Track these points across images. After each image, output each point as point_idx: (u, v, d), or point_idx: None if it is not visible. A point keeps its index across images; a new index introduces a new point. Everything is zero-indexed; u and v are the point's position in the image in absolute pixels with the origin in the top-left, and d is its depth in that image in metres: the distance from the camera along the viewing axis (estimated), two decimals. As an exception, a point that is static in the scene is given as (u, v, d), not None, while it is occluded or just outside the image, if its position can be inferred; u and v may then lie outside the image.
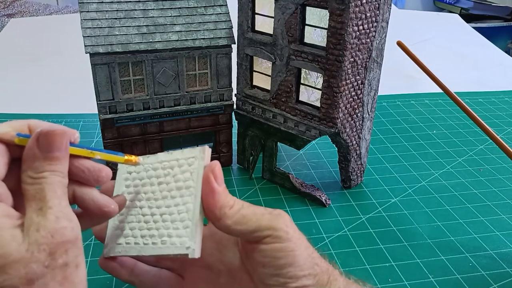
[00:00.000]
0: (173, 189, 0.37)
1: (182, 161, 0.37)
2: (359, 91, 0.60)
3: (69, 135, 0.32)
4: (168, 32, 0.61)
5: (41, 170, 0.30)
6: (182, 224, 0.35)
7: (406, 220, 0.62)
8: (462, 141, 0.83)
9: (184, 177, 0.37)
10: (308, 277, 0.34)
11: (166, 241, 0.36)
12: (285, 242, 0.34)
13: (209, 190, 0.35)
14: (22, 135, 0.32)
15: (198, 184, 0.36)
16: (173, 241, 0.35)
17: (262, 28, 0.62)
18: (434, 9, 3.11)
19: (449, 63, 1.23)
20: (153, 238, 0.37)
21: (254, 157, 0.69)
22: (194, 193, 0.36)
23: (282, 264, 0.34)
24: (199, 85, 0.65)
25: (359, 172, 0.68)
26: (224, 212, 0.34)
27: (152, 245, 0.37)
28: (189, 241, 0.34)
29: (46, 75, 1.09)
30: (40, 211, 0.28)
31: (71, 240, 0.28)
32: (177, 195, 0.37)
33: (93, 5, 0.59)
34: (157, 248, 0.36)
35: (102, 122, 0.62)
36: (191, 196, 0.36)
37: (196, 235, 0.34)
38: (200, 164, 0.36)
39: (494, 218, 0.63)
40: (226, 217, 0.34)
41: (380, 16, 0.57)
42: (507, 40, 2.77)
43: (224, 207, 0.34)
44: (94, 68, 0.58)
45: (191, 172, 0.37)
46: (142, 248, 0.37)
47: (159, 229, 0.37)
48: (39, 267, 0.27)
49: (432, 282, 0.52)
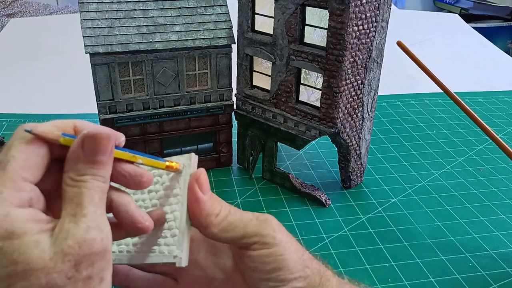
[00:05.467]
0: (162, 197, 0.37)
1: None
2: (359, 91, 0.60)
3: (115, 138, 0.31)
4: (168, 32, 0.61)
5: (82, 173, 0.29)
6: (170, 233, 0.36)
7: (406, 220, 0.62)
8: (462, 141, 0.83)
9: (172, 185, 0.37)
10: (298, 280, 0.35)
11: (155, 249, 0.36)
12: (272, 247, 0.34)
13: (194, 199, 0.34)
14: (67, 135, 0.31)
15: (184, 191, 0.36)
16: (161, 250, 0.35)
17: (262, 28, 0.62)
18: (434, 9, 3.11)
19: (449, 63, 1.23)
20: (143, 246, 0.37)
21: (254, 157, 0.69)
22: (181, 201, 0.36)
23: (271, 269, 0.34)
24: (199, 85, 0.65)
25: (359, 172, 0.68)
26: (210, 220, 0.34)
27: (143, 253, 0.37)
28: (176, 250, 0.35)
29: (46, 75, 1.09)
30: (73, 217, 0.27)
31: (99, 252, 0.27)
32: (165, 203, 0.37)
33: (93, 5, 0.59)
34: (147, 257, 0.36)
35: (102, 122, 0.62)
36: (178, 204, 0.36)
37: (183, 243, 0.35)
38: (186, 172, 0.36)
39: (494, 218, 0.63)
40: (212, 225, 0.34)
41: (380, 16, 0.57)
42: (507, 40, 2.77)
43: (209, 215, 0.34)
44: (94, 68, 0.58)
45: (178, 180, 0.37)
46: (133, 256, 0.37)
47: (150, 237, 0.36)
48: (61, 278, 0.26)
49: (432, 282, 0.52)
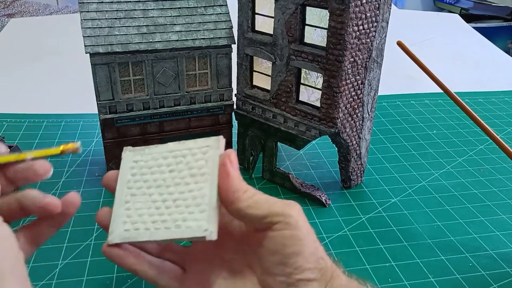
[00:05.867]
0: (187, 176, 0.38)
1: (195, 150, 0.39)
2: (359, 91, 0.60)
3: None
4: (168, 32, 0.61)
5: None
6: (198, 209, 0.37)
7: (406, 220, 0.62)
8: (462, 141, 0.83)
9: (198, 165, 0.38)
10: (313, 271, 0.35)
11: (181, 225, 0.37)
12: (294, 230, 0.35)
13: (225, 174, 0.36)
14: None
15: (214, 171, 0.37)
16: (188, 225, 0.36)
17: (262, 28, 0.62)
18: (434, 9, 3.11)
19: (449, 63, 1.23)
20: (166, 223, 0.37)
21: (254, 157, 0.69)
22: (210, 179, 0.37)
23: (289, 253, 0.35)
24: (199, 85, 0.65)
25: (359, 172, 0.68)
26: (238, 195, 0.36)
27: (165, 229, 0.37)
28: (206, 224, 0.36)
29: (46, 75, 1.09)
30: None
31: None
32: (191, 182, 0.38)
33: (93, 5, 0.59)
34: (171, 232, 0.37)
35: (102, 122, 0.62)
36: (206, 182, 0.37)
37: (214, 218, 0.36)
38: (215, 153, 0.38)
39: (494, 218, 0.63)
40: (239, 200, 0.35)
41: (380, 16, 0.57)
42: (507, 40, 2.77)
43: (238, 190, 0.36)
44: (94, 68, 0.58)
45: (206, 160, 0.38)
46: (154, 233, 0.37)
47: (172, 214, 0.37)
48: None
49: (432, 282, 0.52)
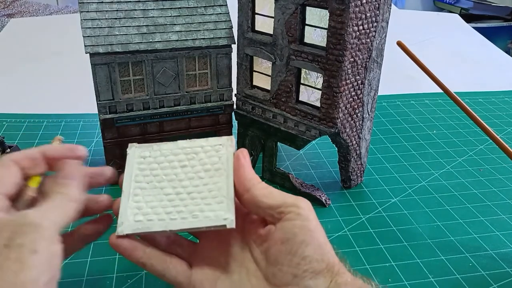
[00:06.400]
0: (201, 171, 0.41)
1: (208, 148, 0.42)
2: (359, 91, 0.60)
3: None
4: (168, 32, 0.61)
5: None
6: (215, 200, 0.39)
7: (406, 220, 0.62)
8: (462, 141, 0.83)
9: (211, 161, 0.41)
10: (320, 263, 0.36)
11: (198, 215, 0.39)
12: (305, 221, 0.36)
13: (240, 165, 0.40)
14: None
15: (229, 166, 0.40)
16: (206, 215, 0.38)
17: (262, 28, 0.62)
18: (434, 9, 3.11)
19: (449, 63, 1.23)
20: (182, 214, 0.39)
21: (254, 157, 0.69)
22: (225, 174, 0.40)
23: (299, 241, 0.36)
24: (199, 85, 0.65)
25: (359, 172, 0.68)
26: (253, 183, 0.39)
27: (181, 219, 0.39)
28: (225, 213, 0.38)
29: (46, 75, 1.09)
30: None
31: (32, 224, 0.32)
32: (205, 176, 0.41)
33: (93, 5, 0.59)
34: (188, 222, 0.39)
35: (102, 122, 0.62)
36: (221, 177, 0.40)
37: (232, 208, 0.38)
38: (229, 150, 0.41)
39: (494, 218, 0.63)
40: (255, 188, 0.38)
41: (380, 16, 0.57)
42: (507, 40, 2.77)
43: (253, 179, 0.39)
44: (94, 68, 0.58)
45: (219, 157, 0.41)
46: (169, 223, 0.39)
47: (187, 206, 0.39)
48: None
49: (432, 282, 0.52)
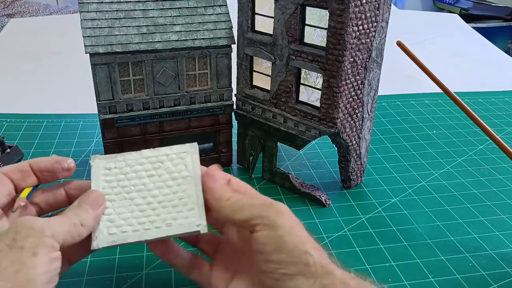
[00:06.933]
0: (168, 180, 0.41)
1: (173, 156, 0.43)
2: (359, 91, 0.60)
3: None
4: (168, 32, 0.61)
5: None
6: (186, 208, 0.40)
7: (406, 220, 0.62)
8: (462, 141, 0.83)
9: (178, 169, 0.42)
10: (297, 264, 0.35)
11: (172, 223, 0.40)
12: (272, 230, 0.37)
13: (206, 189, 0.40)
14: None
15: (195, 173, 0.41)
16: (180, 223, 0.40)
17: (262, 28, 0.62)
18: (434, 9, 3.11)
19: (449, 63, 1.23)
20: (155, 223, 0.40)
21: (254, 157, 0.69)
22: (193, 181, 0.41)
23: (271, 250, 0.36)
24: (199, 85, 0.65)
25: (359, 172, 0.68)
26: (222, 203, 0.39)
27: (156, 229, 0.40)
28: (198, 220, 0.39)
29: (46, 75, 1.09)
30: None
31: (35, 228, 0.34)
32: (173, 184, 0.41)
33: (93, 5, 0.59)
34: (163, 231, 0.40)
35: (102, 122, 0.62)
36: (189, 184, 0.41)
37: (203, 214, 0.39)
38: (194, 157, 0.42)
39: (494, 218, 0.63)
40: (223, 208, 0.39)
41: (380, 16, 0.57)
42: (507, 40, 2.77)
43: (221, 199, 0.39)
44: (94, 68, 0.58)
45: (185, 164, 0.42)
46: (144, 233, 0.40)
47: (160, 215, 0.40)
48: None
49: (432, 282, 0.52)
